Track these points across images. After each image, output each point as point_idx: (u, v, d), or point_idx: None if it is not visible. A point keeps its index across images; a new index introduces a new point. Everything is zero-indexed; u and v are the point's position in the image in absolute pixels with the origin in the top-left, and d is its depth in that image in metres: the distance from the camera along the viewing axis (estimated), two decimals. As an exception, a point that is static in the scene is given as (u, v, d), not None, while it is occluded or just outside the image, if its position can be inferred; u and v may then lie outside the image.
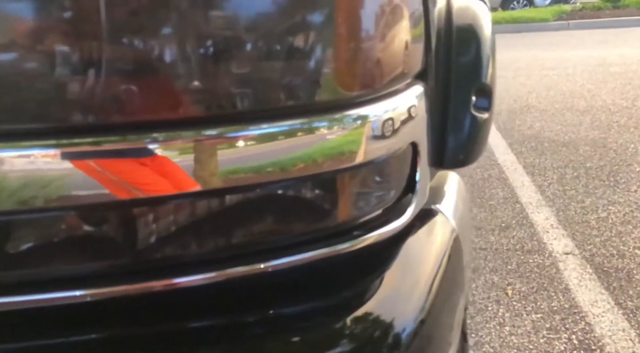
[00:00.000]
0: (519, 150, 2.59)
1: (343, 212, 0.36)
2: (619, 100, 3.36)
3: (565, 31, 7.71)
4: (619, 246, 1.67)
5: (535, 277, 1.55)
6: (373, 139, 0.37)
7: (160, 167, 0.33)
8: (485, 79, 0.50)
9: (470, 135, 0.49)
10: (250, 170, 0.35)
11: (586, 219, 1.86)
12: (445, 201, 0.49)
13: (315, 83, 0.34)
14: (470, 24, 0.51)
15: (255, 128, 0.34)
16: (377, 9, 0.35)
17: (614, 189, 2.08)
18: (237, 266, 0.36)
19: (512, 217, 1.92)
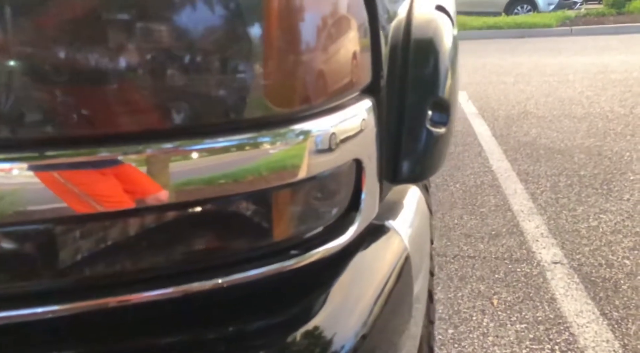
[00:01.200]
0: (513, 157, 2.58)
1: (281, 230, 0.36)
2: (617, 108, 3.35)
3: (568, 37, 7.69)
4: (607, 255, 1.66)
5: (522, 286, 1.54)
6: (315, 155, 0.36)
7: (94, 182, 0.33)
8: (442, 93, 0.50)
9: (426, 150, 0.49)
10: (191, 187, 0.35)
11: (577, 228, 1.85)
12: (400, 218, 0.49)
13: (253, 98, 0.34)
14: (430, 38, 0.50)
15: (195, 144, 0.34)
16: (319, 22, 0.35)
17: (606, 198, 2.07)
18: (174, 285, 0.35)
19: (503, 225, 1.91)
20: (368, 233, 0.44)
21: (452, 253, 1.74)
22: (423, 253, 0.53)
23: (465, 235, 1.86)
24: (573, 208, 2.00)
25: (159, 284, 0.35)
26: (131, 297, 0.35)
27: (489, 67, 5.19)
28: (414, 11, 0.52)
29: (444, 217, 2.01)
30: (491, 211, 2.03)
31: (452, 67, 0.52)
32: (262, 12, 0.33)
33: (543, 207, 2.03)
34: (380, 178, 0.45)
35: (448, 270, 1.65)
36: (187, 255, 0.36)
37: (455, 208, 2.07)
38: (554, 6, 10.00)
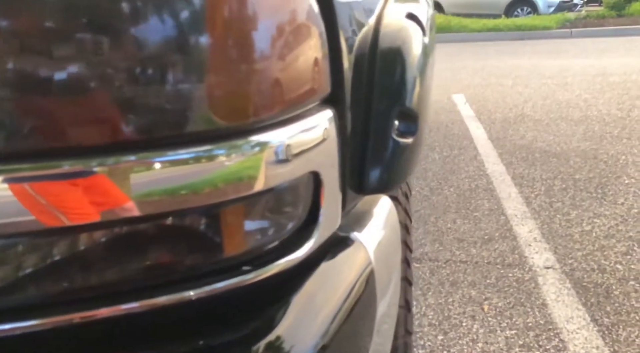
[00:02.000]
0: (509, 161, 2.57)
1: (233, 245, 0.36)
2: (615, 111, 3.33)
3: (568, 39, 7.68)
4: (600, 261, 1.65)
5: (513, 291, 1.53)
6: (270, 167, 0.36)
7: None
8: (409, 103, 0.49)
9: (392, 160, 0.48)
10: (141, 201, 0.34)
11: (570, 232, 1.84)
12: (367, 229, 0.49)
13: (205, 110, 0.34)
14: (397, 46, 0.50)
15: (147, 157, 0.34)
16: (272, 33, 0.35)
17: (600, 202, 2.06)
18: (127, 301, 0.35)
19: (496, 229, 1.90)
20: (331, 245, 0.44)
21: (444, 258, 1.74)
22: (392, 265, 0.53)
23: (458, 239, 1.85)
24: (567, 213, 1.99)
25: (113, 300, 0.35)
26: (85, 314, 0.35)
27: (488, 70, 5.18)
28: (383, 20, 0.51)
29: (437, 221, 2.00)
30: (485, 215, 2.02)
31: (421, 76, 0.52)
32: (215, 23, 0.33)
33: (537, 211, 2.02)
34: (344, 189, 0.44)
35: (440, 275, 1.64)
36: (138, 270, 0.35)
37: (448, 213, 2.06)
38: (554, 8, 9.99)
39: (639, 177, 2.27)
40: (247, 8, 0.34)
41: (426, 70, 0.53)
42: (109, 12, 0.31)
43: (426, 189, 2.30)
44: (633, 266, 1.60)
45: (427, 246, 1.82)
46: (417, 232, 1.92)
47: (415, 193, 2.27)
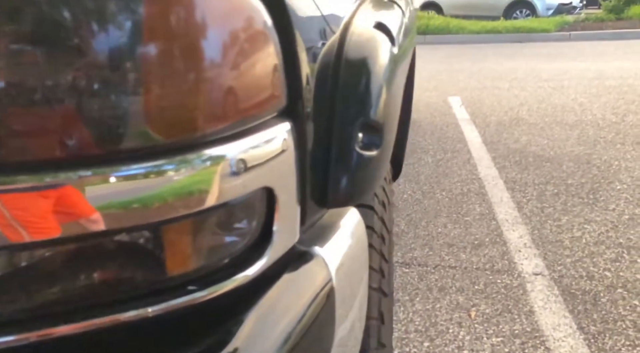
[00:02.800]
0: (502, 165, 2.56)
1: (179, 264, 0.35)
2: (609, 115, 3.33)
3: (566, 42, 7.68)
4: (589, 267, 1.64)
5: (501, 298, 1.52)
6: (221, 182, 0.35)
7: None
8: (374, 115, 0.48)
9: (355, 174, 0.47)
10: (89, 218, 0.33)
11: (560, 238, 1.83)
12: (330, 244, 0.48)
13: (149, 125, 0.33)
14: (362, 58, 0.49)
15: (95, 173, 0.33)
16: (220, 46, 0.34)
17: (592, 207, 2.05)
18: (73, 321, 0.34)
19: (487, 234, 1.89)
20: (290, 260, 0.43)
21: (433, 263, 1.73)
22: (357, 279, 0.52)
23: (448, 244, 1.84)
24: (558, 218, 1.98)
25: (57, 321, 0.34)
26: (29, 335, 0.34)
27: (485, 72, 5.18)
28: (350, 30, 0.51)
29: (428, 225, 1.99)
30: (476, 220, 2.01)
31: (387, 88, 0.51)
32: (160, 35, 0.32)
33: (528, 216, 2.02)
34: (303, 203, 0.44)
35: (428, 280, 1.63)
36: (82, 289, 0.34)
37: (439, 217, 2.05)
38: (553, 11, 9.99)
39: (630, 183, 2.26)
40: (193, 19, 0.33)
41: (393, 82, 0.52)
42: (52, 25, 0.30)
43: (418, 193, 2.30)
44: (622, 273, 1.60)
45: (416, 251, 1.81)
46: (407, 236, 1.91)
47: (407, 196, 2.26)
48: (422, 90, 4.39)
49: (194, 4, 0.32)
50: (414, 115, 3.57)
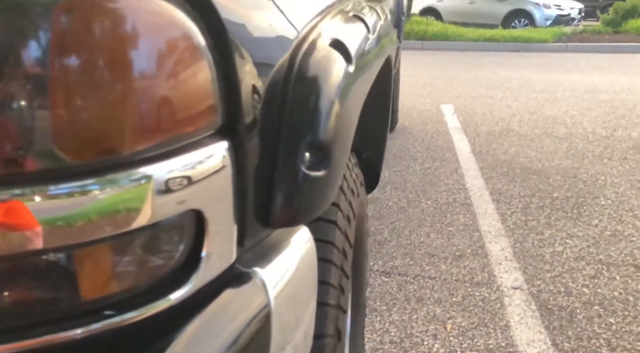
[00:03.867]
0: (489, 176, 2.56)
1: (93, 288, 0.33)
2: (599, 129, 3.34)
3: (563, 53, 7.71)
4: (567, 283, 1.64)
5: (478, 311, 1.51)
6: (146, 203, 0.34)
7: None
8: (322, 135, 0.47)
9: (300, 194, 0.46)
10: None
11: (541, 252, 1.83)
12: (273, 265, 0.46)
13: (67, 144, 0.32)
14: (313, 76, 0.48)
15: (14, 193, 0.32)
16: (145, 64, 0.33)
17: (575, 222, 2.05)
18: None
19: (468, 246, 1.89)
20: (225, 283, 0.42)
21: (413, 273, 1.72)
22: (302, 303, 0.50)
23: (430, 254, 1.83)
24: (541, 232, 1.98)
25: None
26: None
27: (480, 81, 5.19)
28: (302, 48, 0.49)
29: (411, 234, 1.98)
30: (459, 230, 2.01)
31: (340, 107, 0.50)
32: (82, 49, 0.31)
33: (511, 228, 2.01)
34: (242, 223, 0.42)
35: (407, 290, 1.62)
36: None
37: (423, 226, 2.05)
38: (551, 21, 10.04)
39: (615, 198, 2.27)
40: (114, 32, 0.32)
41: (347, 101, 0.51)
42: None
43: (404, 200, 2.29)
44: (599, 290, 1.59)
45: (398, 260, 1.80)
46: (389, 244, 1.90)
47: (392, 204, 2.25)
48: (416, 96, 4.39)
49: (114, 15, 0.31)
50: (405, 122, 3.57)
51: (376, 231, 2.00)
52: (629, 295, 1.57)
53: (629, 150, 2.91)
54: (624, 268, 1.71)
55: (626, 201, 2.24)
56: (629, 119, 3.60)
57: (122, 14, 0.31)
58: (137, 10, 0.32)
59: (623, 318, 1.46)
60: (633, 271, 1.69)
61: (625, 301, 1.54)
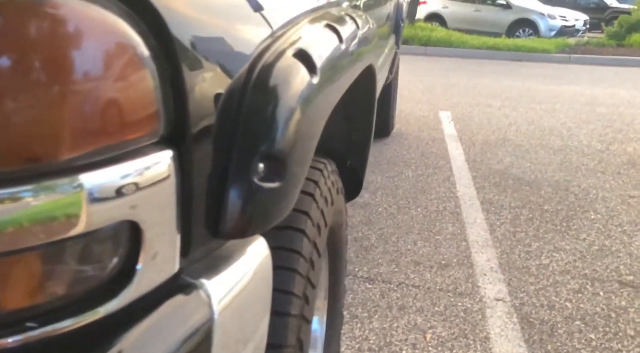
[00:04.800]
0: (481, 185, 2.56)
1: (15, 298, 0.33)
2: (595, 143, 3.33)
3: (565, 64, 7.71)
4: (551, 296, 1.63)
5: (459, 322, 1.51)
6: (77, 212, 0.33)
7: None
8: (277, 146, 0.47)
9: (251, 206, 0.46)
10: None
11: (527, 265, 1.82)
12: (222, 277, 0.46)
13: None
14: (271, 86, 0.48)
15: None
16: (77, 68, 0.32)
17: (563, 235, 2.05)
18: None
19: (455, 255, 1.88)
20: (166, 295, 0.41)
21: (397, 280, 1.71)
22: (253, 316, 0.50)
23: (415, 262, 1.83)
24: (528, 244, 1.98)
25: None
26: None
27: (480, 88, 5.18)
28: (263, 58, 0.49)
29: (399, 241, 1.98)
30: (446, 239, 2.00)
31: (300, 119, 0.50)
32: (21, 54, 0.31)
33: (499, 239, 2.01)
34: (187, 234, 0.42)
35: (390, 298, 1.62)
36: None
37: (411, 233, 2.04)
38: (556, 32, 10.04)
39: (605, 213, 2.26)
40: (47, 36, 0.31)
41: (307, 113, 0.51)
42: None
43: (394, 207, 2.29)
44: (582, 305, 1.59)
45: (383, 266, 1.79)
46: (375, 250, 1.90)
47: (382, 210, 2.25)
48: (415, 102, 4.39)
49: (45, 18, 0.31)
50: (402, 127, 3.57)
51: (363, 237, 2.00)
52: (611, 311, 1.56)
53: (622, 165, 2.90)
54: (609, 284, 1.71)
55: (616, 216, 2.23)
56: (625, 133, 3.59)
57: (54, 17, 0.31)
58: (71, 14, 0.32)
59: (604, 335, 1.46)
60: (617, 287, 1.69)
61: (607, 317, 1.53)
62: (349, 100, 1.13)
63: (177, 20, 0.39)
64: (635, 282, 1.72)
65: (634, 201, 2.40)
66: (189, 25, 0.41)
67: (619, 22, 9.83)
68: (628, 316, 1.54)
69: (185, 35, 0.40)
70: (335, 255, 1.08)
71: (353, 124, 1.16)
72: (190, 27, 0.41)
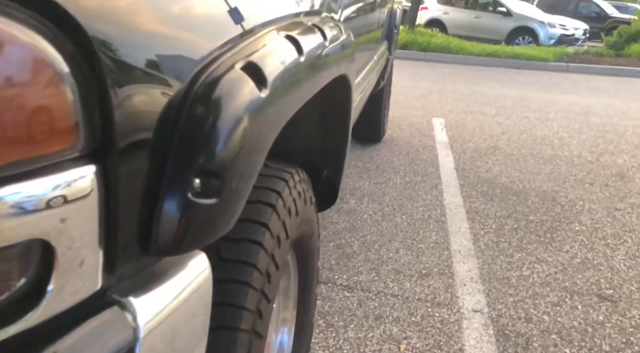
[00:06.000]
0: (468, 193, 2.56)
1: None
2: (585, 153, 3.33)
3: (563, 73, 7.72)
4: (529, 309, 1.62)
5: (435, 333, 1.50)
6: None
7: None
8: (215, 161, 0.46)
9: (184, 222, 0.45)
10: None
11: (508, 276, 1.82)
12: (151, 296, 0.45)
13: None
14: (213, 99, 0.47)
15: None
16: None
17: (546, 247, 2.04)
18: None
19: (436, 264, 1.88)
20: (88, 313, 0.40)
21: (376, 289, 1.71)
22: (187, 338, 0.49)
23: (396, 271, 1.82)
24: (511, 255, 1.97)
25: None
26: None
27: (476, 96, 5.19)
28: (208, 70, 0.49)
29: (381, 248, 1.97)
30: (429, 248, 2.00)
31: (244, 132, 0.49)
32: None
33: (482, 249, 2.00)
34: (110, 250, 0.41)
35: (367, 307, 1.61)
36: None
37: (394, 241, 2.03)
38: (555, 41, 10.06)
39: (590, 225, 2.26)
40: None
41: (252, 127, 0.50)
42: None
43: (379, 214, 2.28)
44: (560, 318, 1.58)
45: (363, 274, 1.79)
46: (357, 258, 1.89)
47: (367, 217, 2.24)
48: (409, 108, 4.39)
49: None
50: (393, 133, 3.56)
51: (346, 244, 1.99)
52: (588, 325, 1.56)
53: (611, 177, 2.90)
54: (588, 297, 1.70)
55: (600, 229, 2.23)
56: (616, 144, 3.60)
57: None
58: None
59: (579, 349, 1.45)
60: (596, 301, 1.68)
61: (583, 331, 1.53)
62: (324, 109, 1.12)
63: (103, 33, 0.39)
64: (614, 296, 1.72)
65: (619, 214, 2.40)
66: (119, 39, 0.40)
67: (618, 32, 9.85)
68: (604, 331, 1.53)
69: (114, 48, 0.39)
70: (305, 265, 1.08)
71: (328, 133, 1.16)
72: (120, 40, 0.40)
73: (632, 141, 3.71)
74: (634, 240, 2.15)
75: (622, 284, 1.80)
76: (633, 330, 1.55)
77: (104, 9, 0.40)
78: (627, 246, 2.09)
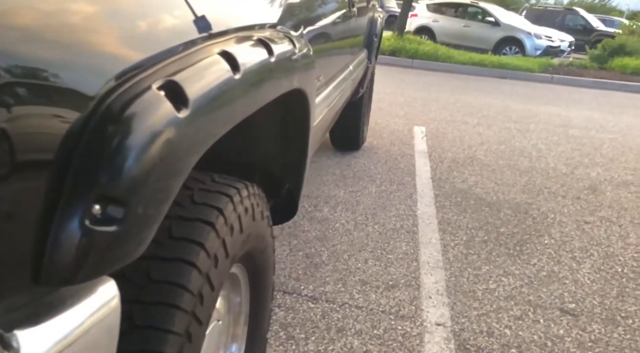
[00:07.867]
0: (442, 204, 2.56)
1: None
2: (561, 166, 3.37)
3: (547, 84, 7.83)
4: (492, 323, 1.63)
5: (396, 347, 1.50)
6: None
7: None
8: (118, 187, 0.45)
9: (79, 251, 0.43)
10: None
11: (474, 289, 1.82)
12: (43, 329, 0.43)
13: None
14: (120, 121, 0.46)
15: None
16: None
17: (515, 259, 2.05)
18: None
19: (404, 276, 1.87)
20: None
21: (341, 300, 1.70)
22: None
23: (363, 282, 1.81)
24: (479, 267, 1.98)
25: None
26: None
27: (459, 105, 5.23)
28: (119, 90, 0.47)
29: (350, 258, 1.96)
30: (398, 259, 1.99)
31: (154, 157, 0.48)
32: None
33: (450, 261, 2.01)
34: None
35: (330, 319, 1.60)
36: None
37: (363, 251, 2.03)
38: (541, 51, 10.22)
39: (559, 238, 2.28)
40: None
41: (164, 150, 0.49)
42: None
43: (351, 223, 2.27)
44: (521, 333, 1.59)
45: (329, 285, 1.78)
46: (325, 268, 1.88)
47: (339, 226, 2.24)
48: (392, 116, 4.40)
49: None
50: (373, 141, 3.57)
51: (315, 253, 1.98)
52: (548, 339, 1.57)
53: (583, 190, 2.94)
54: (550, 311, 1.71)
55: (569, 242, 2.25)
56: (592, 157, 3.65)
57: None
58: None
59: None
60: (558, 315, 1.69)
61: (543, 346, 1.54)
62: (283, 123, 1.11)
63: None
64: (576, 310, 1.73)
65: (588, 227, 2.43)
66: (14, 51, 0.38)
67: (602, 45, 10.04)
68: (564, 345, 1.55)
69: (8, 61, 0.37)
70: (257, 280, 1.06)
71: (289, 147, 1.15)
72: (17, 53, 0.38)
73: (607, 154, 3.77)
74: (600, 253, 2.17)
75: (585, 298, 1.81)
76: (592, 344, 1.56)
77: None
78: (593, 259, 2.11)
